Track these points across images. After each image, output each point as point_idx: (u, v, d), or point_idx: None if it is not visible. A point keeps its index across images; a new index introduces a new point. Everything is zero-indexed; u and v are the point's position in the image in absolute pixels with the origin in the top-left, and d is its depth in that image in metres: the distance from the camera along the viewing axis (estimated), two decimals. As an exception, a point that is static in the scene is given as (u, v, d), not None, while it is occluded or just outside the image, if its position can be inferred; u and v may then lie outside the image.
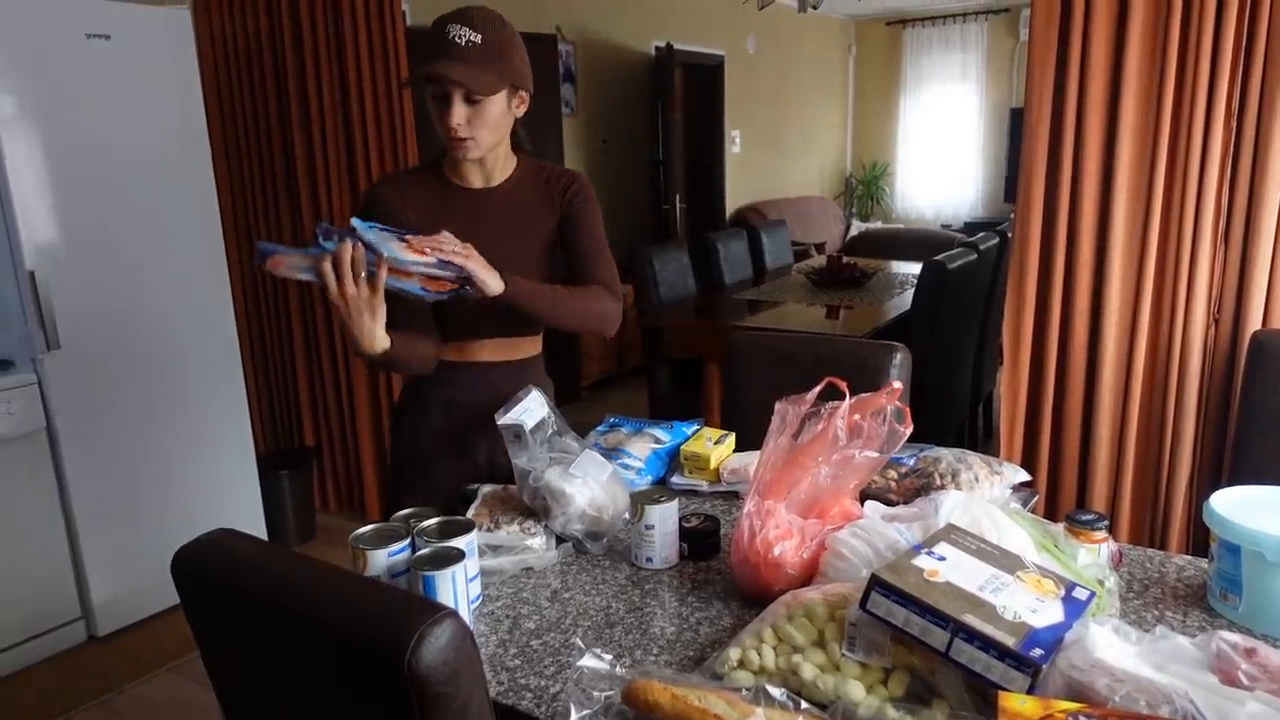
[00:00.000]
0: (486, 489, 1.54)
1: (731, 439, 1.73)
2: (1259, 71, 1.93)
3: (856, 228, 8.34)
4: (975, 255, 3.69)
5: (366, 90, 3.21)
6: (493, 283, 1.42)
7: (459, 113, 1.47)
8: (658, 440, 1.71)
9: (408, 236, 1.38)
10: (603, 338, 1.66)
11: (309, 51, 3.31)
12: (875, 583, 1.00)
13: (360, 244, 1.32)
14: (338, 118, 3.32)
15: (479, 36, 1.44)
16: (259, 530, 3.23)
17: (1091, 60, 2.07)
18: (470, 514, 1.44)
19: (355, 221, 1.35)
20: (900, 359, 1.88)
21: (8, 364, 2.64)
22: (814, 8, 5.20)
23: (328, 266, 1.31)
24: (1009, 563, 1.08)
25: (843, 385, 1.29)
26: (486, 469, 1.67)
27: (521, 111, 1.58)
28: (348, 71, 3.23)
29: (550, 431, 1.51)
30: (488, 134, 1.51)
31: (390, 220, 1.46)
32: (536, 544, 1.39)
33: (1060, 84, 2.12)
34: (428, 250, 1.36)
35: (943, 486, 1.42)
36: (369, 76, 3.19)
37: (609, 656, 1.06)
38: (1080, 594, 1.05)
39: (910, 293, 3.74)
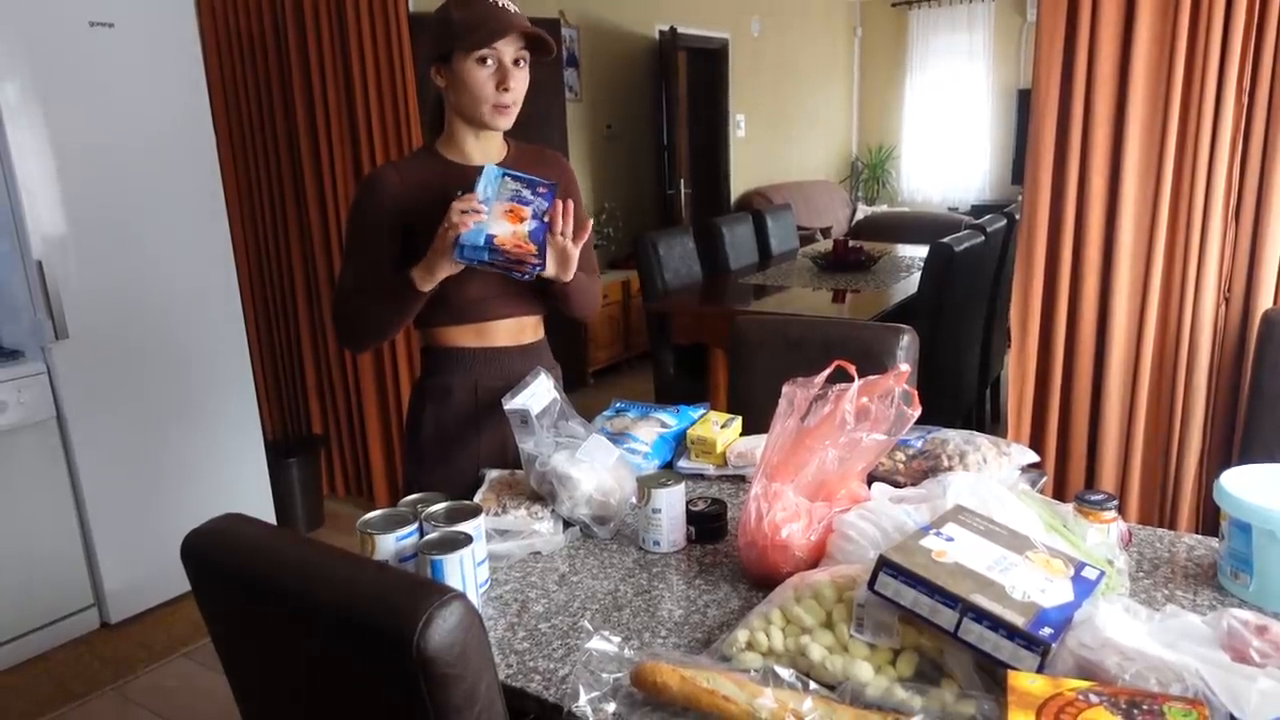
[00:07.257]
0: (494, 474, 1.54)
1: (738, 423, 1.72)
2: (1270, 48, 1.90)
3: (862, 211, 8.29)
4: (982, 238, 3.67)
5: (370, 75, 3.19)
6: (565, 275, 1.55)
7: (517, 76, 1.53)
8: (664, 424, 1.71)
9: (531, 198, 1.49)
10: (586, 322, 1.75)
11: (312, 37, 3.30)
12: (883, 563, 1.00)
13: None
14: (341, 103, 3.31)
15: (514, 5, 1.54)
16: (268, 517, 3.25)
17: (1100, 37, 2.04)
18: (478, 499, 1.45)
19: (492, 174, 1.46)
20: (907, 341, 1.88)
21: (17, 354, 2.65)
22: (819, -11, 5.16)
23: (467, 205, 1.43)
24: (1017, 543, 1.08)
25: (851, 368, 1.29)
26: (514, 451, 1.68)
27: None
28: (351, 57, 3.22)
29: (557, 416, 1.51)
30: (521, 100, 1.58)
31: (388, 202, 1.55)
32: (544, 528, 1.40)
33: (1068, 62, 2.10)
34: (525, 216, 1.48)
35: (950, 468, 1.41)
36: (372, 61, 3.18)
37: (617, 639, 1.06)
38: (1090, 573, 1.04)
39: (917, 276, 3.72)
